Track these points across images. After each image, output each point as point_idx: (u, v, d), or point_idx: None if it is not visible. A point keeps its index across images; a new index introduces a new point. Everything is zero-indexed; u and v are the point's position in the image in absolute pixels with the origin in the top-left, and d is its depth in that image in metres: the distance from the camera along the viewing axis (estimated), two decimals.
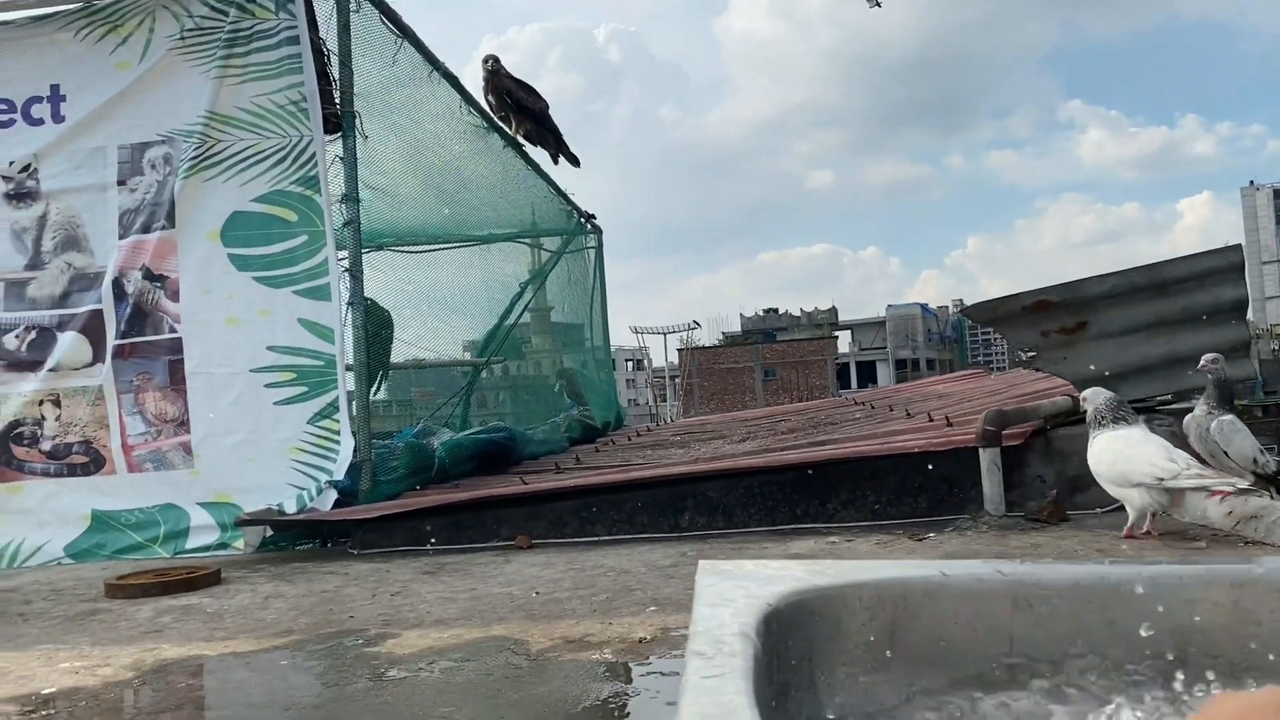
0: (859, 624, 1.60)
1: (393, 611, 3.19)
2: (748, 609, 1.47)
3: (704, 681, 1.20)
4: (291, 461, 4.94)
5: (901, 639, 1.59)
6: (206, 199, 5.09)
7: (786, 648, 1.50)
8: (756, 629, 1.42)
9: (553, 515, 4.63)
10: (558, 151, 8.92)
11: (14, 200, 5.24)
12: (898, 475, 4.49)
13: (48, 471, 5.13)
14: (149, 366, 5.12)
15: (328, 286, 5.06)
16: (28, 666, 2.77)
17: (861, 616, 1.60)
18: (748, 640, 1.36)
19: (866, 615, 1.60)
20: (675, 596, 3.13)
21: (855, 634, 1.60)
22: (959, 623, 1.59)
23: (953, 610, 1.60)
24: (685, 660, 1.26)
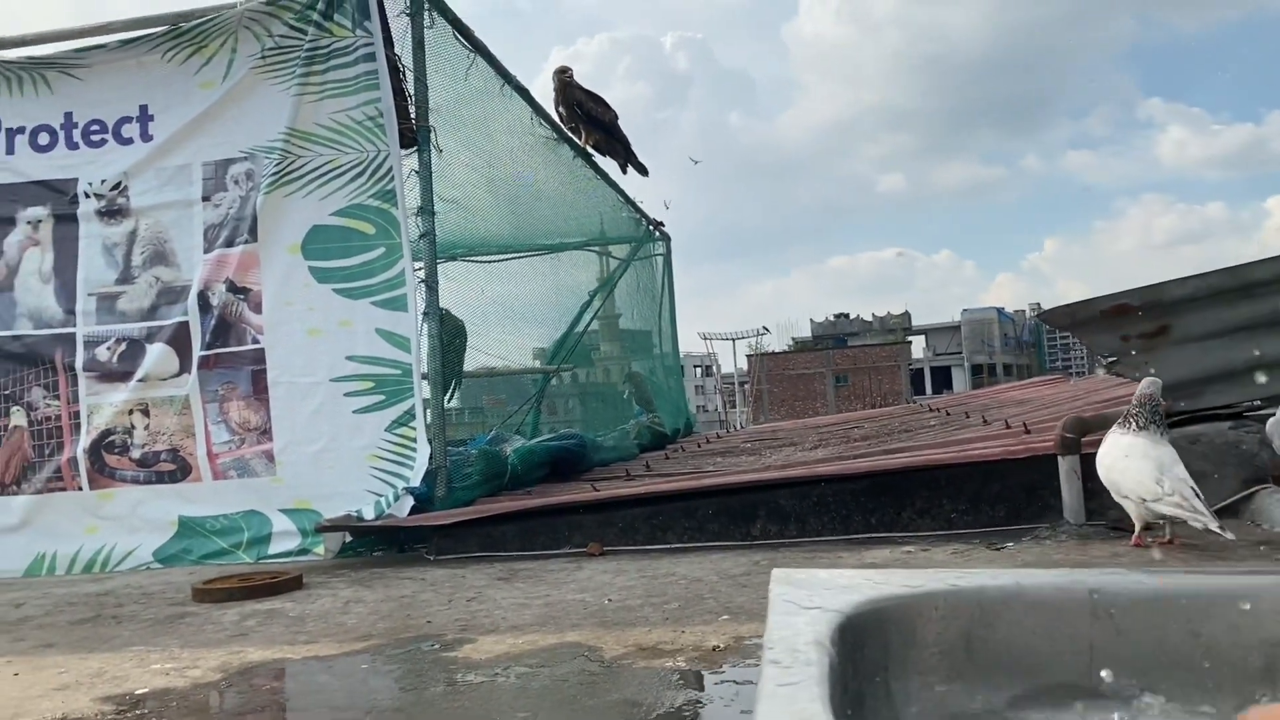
0: (934, 633, 1.59)
1: (469, 617, 3.24)
2: (822, 617, 1.47)
3: (780, 689, 1.20)
4: (370, 469, 5.04)
5: (977, 648, 1.58)
6: (287, 213, 5.23)
7: (861, 656, 1.49)
8: (831, 637, 1.42)
9: (624, 522, 4.65)
10: (626, 161, 8.98)
11: (105, 217, 5.45)
12: (974, 483, 4.42)
13: (137, 479, 5.30)
14: (233, 376, 5.28)
15: (405, 297, 5.16)
16: (121, 667, 2.87)
17: (937, 625, 1.59)
18: (823, 649, 1.36)
19: (942, 624, 1.59)
20: (748, 605, 3.13)
21: (930, 643, 1.58)
22: (1036, 632, 1.57)
23: (1030, 619, 1.58)
24: (761, 668, 1.27)
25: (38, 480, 5.32)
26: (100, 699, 2.53)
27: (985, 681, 1.57)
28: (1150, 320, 4.59)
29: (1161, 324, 4.59)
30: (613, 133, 8.43)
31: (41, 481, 5.32)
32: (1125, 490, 3.38)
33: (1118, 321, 4.62)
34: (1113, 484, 3.46)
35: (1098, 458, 3.55)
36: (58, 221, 5.46)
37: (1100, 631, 1.56)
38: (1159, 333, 4.61)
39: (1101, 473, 3.51)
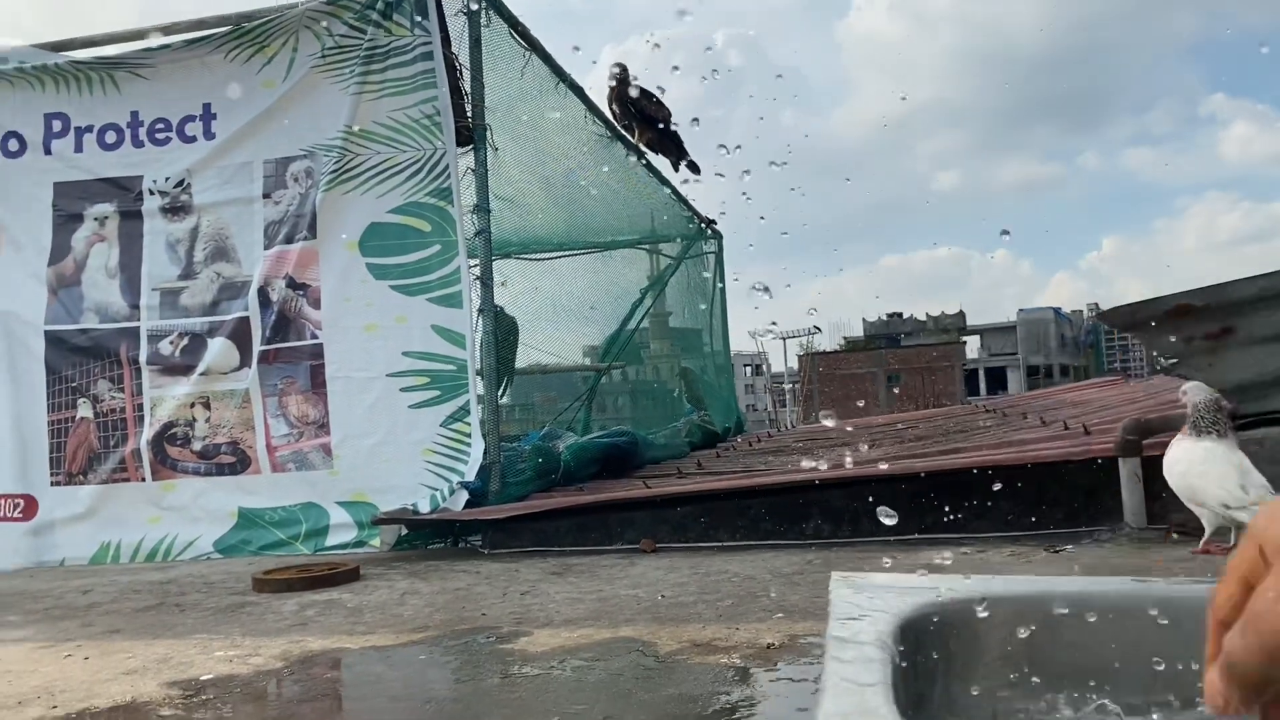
0: (997, 638, 1.57)
1: (523, 610, 3.27)
2: (884, 618, 1.46)
3: (843, 683, 1.20)
4: (425, 463, 5.10)
5: (1041, 654, 1.56)
6: (346, 210, 5.31)
7: (922, 659, 1.48)
8: (894, 636, 1.41)
9: (675, 519, 4.66)
10: (679, 159, 8.96)
11: (169, 214, 5.57)
12: (1032, 485, 4.35)
13: (198, 470, 5.42)
14: (292, 371, 5.37)
15: (460, 294, 5.21)
16: (186, 654, 2.94)
17: (999, 631, 1.57)
18: (885, 647, 1.35)
19: (1004, 629, 1.57)
20: (802, 604, 3.11)
21: (992, 648, 1.56)
22: (1102, 640, 1.54)
23: (1096, 628, 1.56)
24: (823, 664, 1.26)
25: (103, 470, 5.46)
26: (167, 684, 2.59)
27: (1047, 689, 1.55)
28: (1214, 321, 4.48)
29: (1226, 325, 4.48)
30: (665, 131, 8.42)
31: (106, 472, 5.46)
32: (1204, 497, 3.28)
33: (1180, 322, 4.51)
34: (1189, 489, 3.36)
35: (1168, 463, 3.47)
36: (123, 218, 5.60)
37: (1170, 640, 1.53)
38: (1223, 334, 4.50)
39: (1174, 479, 3.42)
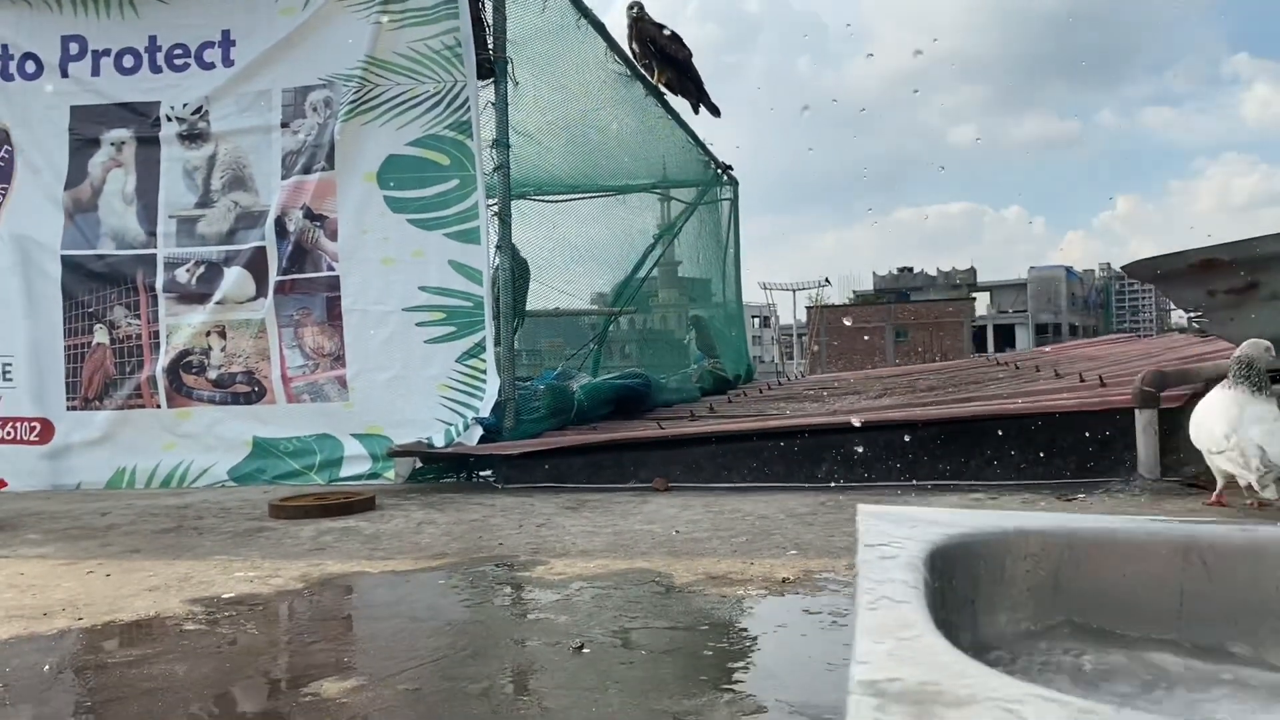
0: (1023, 570, 1.58)
1: (539, 541, 3.29)
2: (913, 547, 1.47)
3: (879, 600, 1.20)
4: (440, 398, 5.11)
5: (1066, 588, 1.56)
6: (364, 142, 5.26)
7: (950, 587, 1.49)
8: (925, 562, 1.42)
9: (689, 460, 4.67)
10: (698, 101, 8.87)
11: (186, 141, 5.52)
12: (1046, 435, 4.35)
13: (213, 399, 5.44)
14: (308, 302, 5.36)
15: (477, 230, 5.19)
16: (207, 574, 2.97)
17: (1026, 563, 1.58)
18: (916, 571, 1.36)
19: (1031, 562, 1.58)
20: (816, 542, 3.13)
21: (1019, 580, 1.58)
22: (1126, 575, 1.55)
23: (1120, 562, 1.56)
24: (856, 585, 1.27)
25: (119, 396, 5.48)
26: (189, 601, 2.62)
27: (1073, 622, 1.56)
28: (1239, 276, 4.45)
29: (1251, 280, 4.45)
30: (685, 71, 8.32)
31: (122, 398, 5.48)
32: (1195, 441, 3.36)
33: (1205, 276, 4.48)
34: (1194, 438, 3.42)
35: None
36: (140, 144, 5.56)
37: (1192, 578, 1.53)
38: (1248, 289, 4.47)
39: (1191, 430, 3.47)
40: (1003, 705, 0.82)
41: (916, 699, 0.85)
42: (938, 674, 0.93)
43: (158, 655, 2.13)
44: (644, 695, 1.75)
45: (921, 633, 1.08)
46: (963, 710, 0.82)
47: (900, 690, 0.87)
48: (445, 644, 2.15)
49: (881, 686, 0.88)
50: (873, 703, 0.84)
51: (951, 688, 0.88)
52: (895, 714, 0.82)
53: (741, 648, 2.17)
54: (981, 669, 0.96)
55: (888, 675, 0.91)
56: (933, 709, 0.83)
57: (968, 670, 0.95)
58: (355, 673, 1.96)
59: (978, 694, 0.86)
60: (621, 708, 1.69)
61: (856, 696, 0.86)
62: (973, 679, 0.91)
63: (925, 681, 0.90)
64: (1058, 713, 0.80)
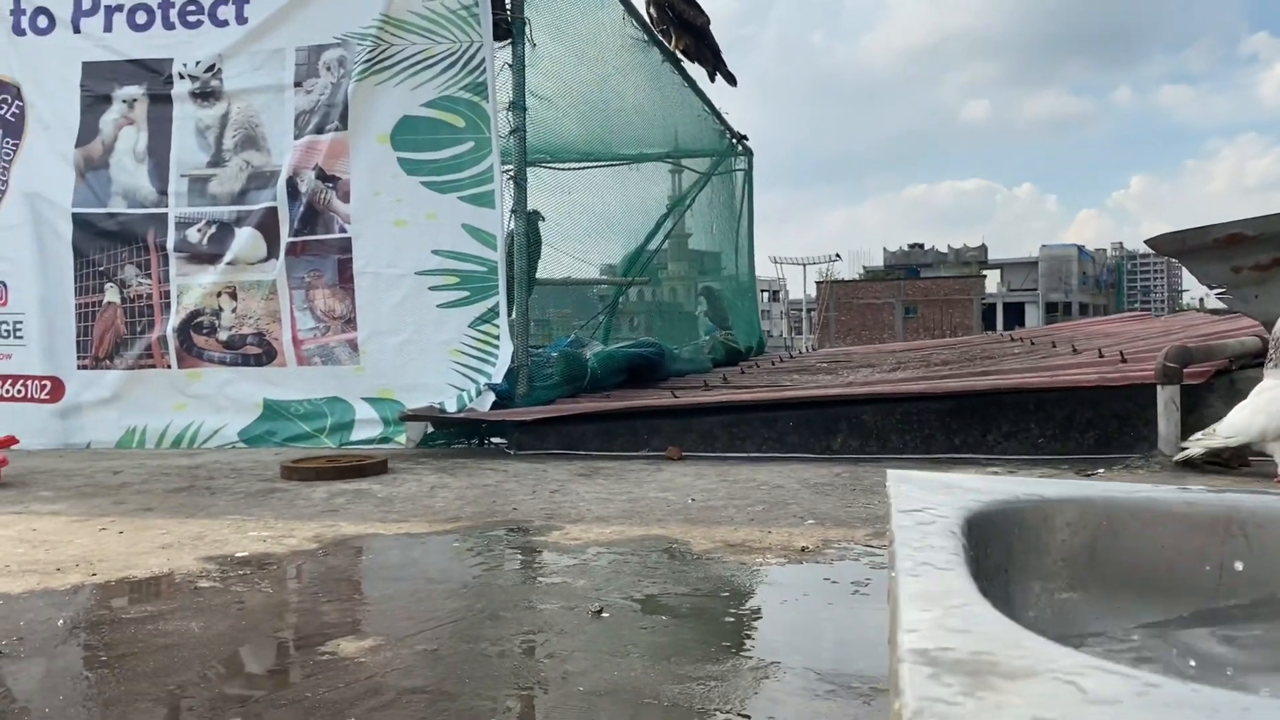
0: (1059, 540, 1.54)
1: (554, 507, 3.26)
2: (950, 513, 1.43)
3: (921, 566, 1.16)
4: (452, 363, 5.07)
5: (1102, 558, 1.52)
6: (378, 102, 5.20)
7: (984, 555, 1.45)
8: (961, 528, 1.38)
9: (703, 429, 4.64)
10: (715, 69, 8.76)
11: (199, 99, 5.46)
12: (1064, 410, 4.31)
13: (224, 360, 5.41)
14: (319, 264, 5.32)
15: (492, 194, 5.13)
16: (220, 533, 2.95)
17: (1062, 532, 1.54)
18: (955, 538, 1.32)
19: (1068, 531, 1.54)
20: (832, 512, 3.10)
21: (1054, 549, 1.54)
22: (1165, 546, 1.51)
23: (1159, 534, 1.52)
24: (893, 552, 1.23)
25: (129, 356, 5.45)
26: (203, 559, 2.60)
27: (1107, 593, 1.52)
28: (1265, 251, 4.38)
29: (1277, 256, 4.38)
30: (703, 38, 8.21)
31: (133, 358, 5.45)
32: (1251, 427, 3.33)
33: (1230, 251, 4.41)
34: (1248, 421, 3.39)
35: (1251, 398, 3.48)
36: (152, 102, 5.50)
37: (1234, 551, 1.49)
38: (1273, 265, 4.40)
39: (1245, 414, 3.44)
40: (1062, 677, 0.78)
41: (971, 669, 0.81)
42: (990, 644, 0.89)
43: (172, 612, 2.11)
44: (666, 660, 1.72)
45: (968, 600, 1.04)
46: (1020, 682, 0.78)
47: (954, 660, 0.83)
48: (462, 606, 2.12)
49: (934, 655, 0.84)
50: (927, 671, 0.80)
51: (1006, 658, 0.84)
52: (952, 684, 0.77)
53: (763, 615, 2.14)
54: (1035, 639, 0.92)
55: (939, 644, 0.87)
56: (989, 679, 0.79)
57: (1021, 640, 0.91)
58: (372, 632, 1.94)
59: (1035, 665, 0.82)
60: (644, 672, 1.65)
61: (909, 665, 0.82)
62: (1028, 649, 0.87)
63: (978, 651, 0.86)
64: (1121, 685, 0.76)
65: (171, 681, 1.68)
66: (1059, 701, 0.73)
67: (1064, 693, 0.75)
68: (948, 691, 0.76)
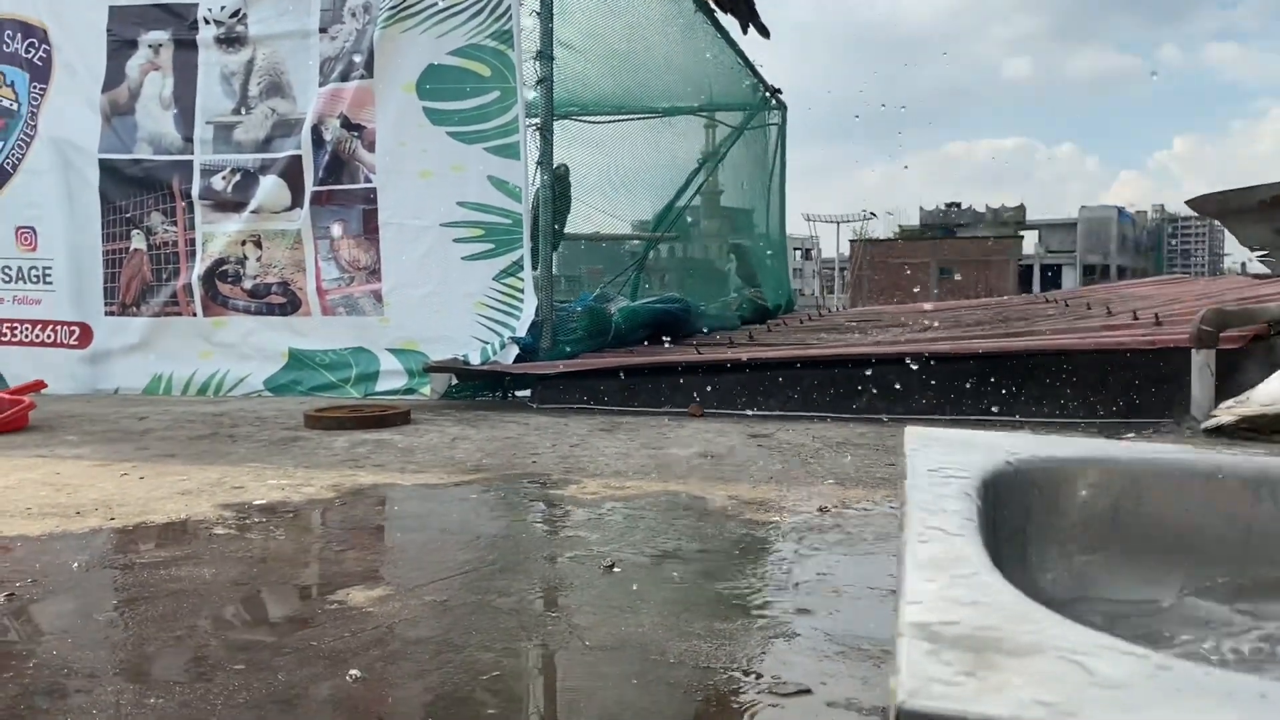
0: (1080, 501, 1.49)
1: (573, 461, 3.24)
2: (967, 473, 1.39)
3: (931, 531, 1.12)
4: (476, 316, 5.05)
5: (1125, 521, 1.48)
6: (404, 50, 5.13)
7: (1001, 516, 1.41)
8: (977, 489, 1.34)
9: (725, 387, 4.59)
10: (749, 20, 8.60)
11: (224, 45, 5.42)
12: (1095, 373, 4.22)
13: (249, 309, 5.42)
14: (344, 214, 5.29)
15: (517, 145, 5.07)
16: (239, 480, 2.95)
17: (1084, 494, 1.49)
18: (970, 500, 1.28)
19: (1090, 492, 1.49)
20: (852, 472, 3.06)
21: (1075, 511, 1.49)
22: (1190, 510, 1.46)
23: (1185, 496, 1.47)
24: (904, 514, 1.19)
25: (155, 303, 5.48)
26: (220, 505, 2.61)
27: (1129, 557, 1.48)
28: None
29: None
30: None
31: (159, 305, 5.48)
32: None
33: (1275, 212, 4.30)
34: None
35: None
36: (178, 47, 5.47)
37: (1263, 515, 1.44)
38: None
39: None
40: (1069, 656, 0.74)
41: (974, 645, 0.77)
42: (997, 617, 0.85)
43: (186, 557, 2.11)
44: (675, 616, 1.70)
45: (977, 569, 1.00)
46: (1026, 660, 0.74)
47: (956, 635, 0.79)
48: (475, 557, 2.11)
49: (935, 630, 0.80)
50: (926, 647, 0.76)
51: (1012, 633, 0.80)
52: (951, 661, 0.73)
53: (776, 574, 2.11)
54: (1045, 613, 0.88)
55: (942, 617, 0.83)
56: (992, 657, 0.75)
57: (1030, 614, 0.86)
58: (383, 582, 1.93)
59: (1042, 642, 0.78)
60: (652, 628, 1.63)
61: (908, 639, 0.78)
62: (1036, 624, 0.83)
63: (983, 626, 0.82)
64: (1131, 667, 0.72)
65: (180, 626, 1.68)
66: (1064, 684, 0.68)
67: (1070, 674, 0.70)
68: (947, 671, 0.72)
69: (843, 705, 1.34)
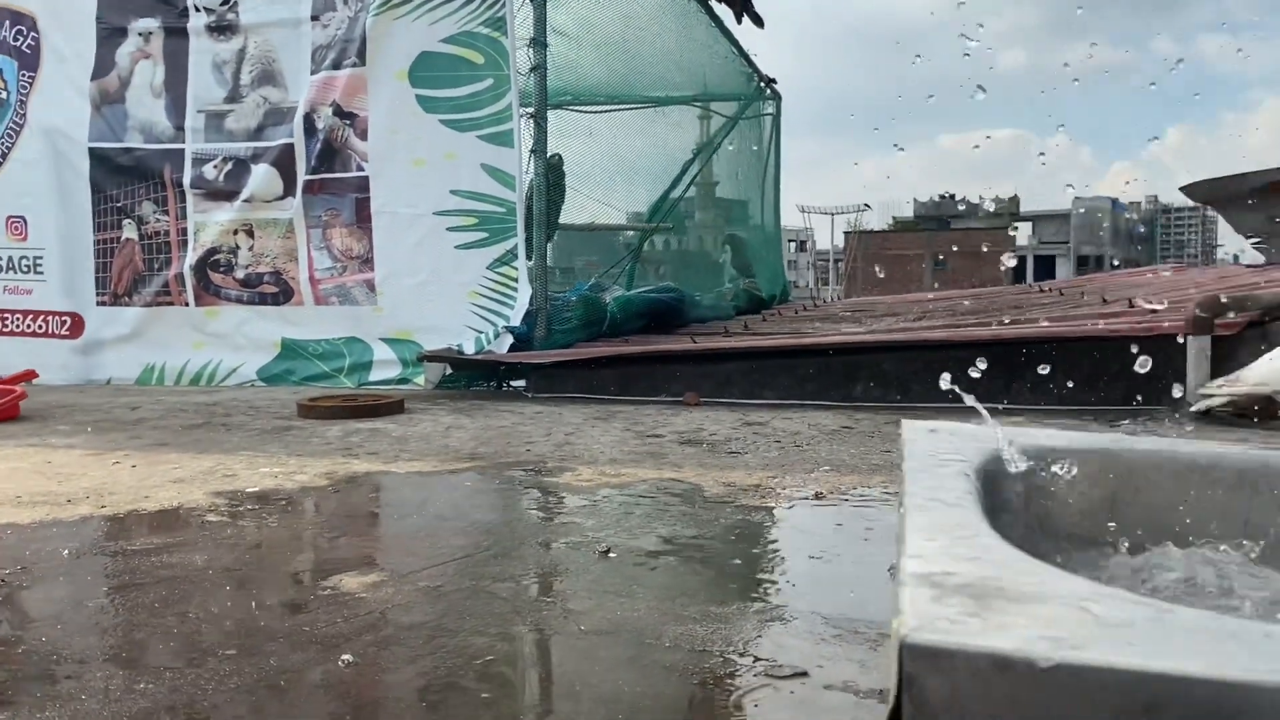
0: (1078, 491, 1.49)
1: (568, 449, 3.23)
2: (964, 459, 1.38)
3: (931, 502, 1.12)
4: (470, 305, 5.03)
5: (1122, 511, 1.47)
6: (396, 37, 5.10)
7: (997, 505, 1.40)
8: (976, 472, 1.33)
9: (721, 375, 4.58)
10: (742, 10, 8.57)
11: (215, 33, 5.39)
12: (1091, 360, 4.22)
13: (241, 299, 5.39)
14: (336, 203, 5.27)
15: (511, 133, 5.04)
16: (232, 468, 2.94)
17: (1081, 484, 1.49)
18: (967, 479, 1.28)
19: (1086, 483, 1.49)
20: (847, 459, 3.05)
21: (1073, 501, 1.49)
22: (1188, 501, 1.45)
23: (1182, 488, 1.46)
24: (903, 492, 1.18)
25: (147, 293, 5.45)
26: (213, 493, 2.59)
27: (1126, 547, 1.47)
28: None
29: None
30: None
31: (151, 295, 5.45)
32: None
33: (1268, 199, 4.30)
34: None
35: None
36: (168, 35, 5.43)
37: (1259, 507, 1.43)
38: None
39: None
40: (1073, 602, 0.73)
41: (977, 593, 0.77)
42: (998, 570, 0.84)
43: (178, 545, 2.10)
44: (670, 601, 1.69)
45: (978, 532, 1.00)
46: (1029, 605, 0.73)
47: (959, 583, 0.79)
48: (469, 544, 2.10)
49: (938, 579, 0.80)
50: (929, 593, 0.76)
51: (1014, 583, 0.80)
52: (954, 605, 0.73)
53: (771, 559, 2.10)
54: (1044, 566, 0.87)
55: (944, 569, 0.82)
56: (995, 602, 0.74)
57: (1030, 567, 0.86)
58: (376, 569, 1.91)
59: (1045, 591, 0.77)
60: (647, 613, 1.62)
61: (910, 589, 0.77)
62: (1037, 576, 0.82)
63: (985, 576, 0.81)
64: (1134, 611, 0.72)
65: (171, 612, 1.67)
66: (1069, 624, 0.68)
67: (1074, 616, 0.70)
68: (951, 611, 0.71)
69: (839, 687, 1.33)
